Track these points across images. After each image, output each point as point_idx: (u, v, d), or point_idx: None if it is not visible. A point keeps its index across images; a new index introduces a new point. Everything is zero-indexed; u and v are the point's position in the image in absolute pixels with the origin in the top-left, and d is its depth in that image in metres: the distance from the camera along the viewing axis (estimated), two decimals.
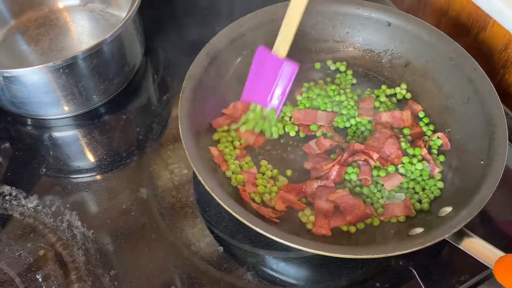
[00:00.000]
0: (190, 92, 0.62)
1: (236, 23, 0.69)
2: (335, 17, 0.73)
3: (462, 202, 0.54)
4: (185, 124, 0.59)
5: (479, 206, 0.52)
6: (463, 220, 0.51)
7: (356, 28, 0.73)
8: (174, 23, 0.83)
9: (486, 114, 0.60)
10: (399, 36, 0.71)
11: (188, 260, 0.58)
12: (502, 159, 0.56)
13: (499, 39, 0.72)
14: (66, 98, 0.67)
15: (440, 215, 0.56)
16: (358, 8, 0.72)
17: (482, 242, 0.51)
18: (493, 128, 0.59)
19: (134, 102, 0.73)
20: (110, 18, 0.80)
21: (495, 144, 0.57)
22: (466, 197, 0.54)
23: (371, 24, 0.72)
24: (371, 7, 0.71)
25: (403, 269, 0.57)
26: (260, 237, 0.58)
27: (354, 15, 0.72)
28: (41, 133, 0.70)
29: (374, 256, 0.50)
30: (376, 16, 0.71)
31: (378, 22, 0.71)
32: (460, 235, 0.52)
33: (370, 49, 0.74)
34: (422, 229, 0.55)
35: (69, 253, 0.58)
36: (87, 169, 0.66)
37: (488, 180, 0.54)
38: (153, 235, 0.59)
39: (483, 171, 0.56)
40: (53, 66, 0.61)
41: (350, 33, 0.74)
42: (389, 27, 0.71)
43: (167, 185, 0.64)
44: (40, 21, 0.80)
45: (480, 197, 0.53)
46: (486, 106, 0.61)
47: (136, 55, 0.74)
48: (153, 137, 0.69)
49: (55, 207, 0.62)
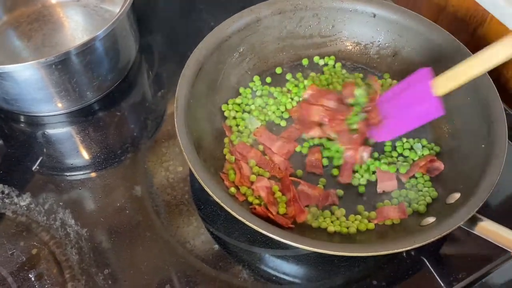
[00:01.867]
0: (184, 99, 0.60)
1: (222, 25, 0.68)
2: (320, 12, 0.72)
3: (470, 187, 0.54)
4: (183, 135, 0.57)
5: (488, 189, 0.52)
6: (475, 205, 0.51)
7: (342, 22, 0.73)
8: (169, 19, 0.82)
9: (481, 98, 0.60)
10: (385, 27, 0.71)
11: (183, 258, 0.57)
12: (504, 141, 0.56)
13: (496, 34, 0.72)
14: (59, 95, 0.66)
15: (449, 202, 0.56)
16: (342, 2, 0.71)
17: (497, 225, 0.51)
18: (489, 111, 0.59)
19: (128, 98, 0.72)
20: (104, 13, 0.79)
21: (494, 127, 0.57)
22: (472, 182, 0.54)
23: (356, 16, 0.71)
24: (355, 0, 0.71)
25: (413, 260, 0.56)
26: (256, 235, 0.58)
27: (339, 9, 0.71)
28: (34, 130, 0.69)
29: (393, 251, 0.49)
30: (360, 8, 0.71)
31: (363, 14, 0.71)
32: (473, 220, 0.52)
33: (357, 41, 0.74)
34: (434, 218, 0.55)
35: (63, 251, 0.57)
36: (81, 166, 0.66)
37: (492, 163, 0.54)
38: (148, 233, 0.59)
39: (486, 154, 0.56)
40: (45, 62, 0.60)
41: (336, 27, 0.73)
42: (374, 18, 0.71)
43: (162, 183, 0.63)
44: (33, 17, 0.79)
45: (488, 181, 0.53)
46: (479, 90, 0.60)
47: (130, 51, 0.73)
48: (148, 134, 0.68)
49: (48, 205, 0.61)
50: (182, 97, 0.60)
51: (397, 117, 0.59)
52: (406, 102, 0.58)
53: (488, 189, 0.52)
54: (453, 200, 0.56)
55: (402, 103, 0.58)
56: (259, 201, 0.58)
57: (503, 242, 0.50)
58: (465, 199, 0.53)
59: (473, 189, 0.53)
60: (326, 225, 0.57)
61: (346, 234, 0.57)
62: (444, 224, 0.51)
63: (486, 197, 0.52)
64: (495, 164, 0.54)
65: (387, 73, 0.72)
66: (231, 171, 0.60)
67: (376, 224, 0.58)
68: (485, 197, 0.52)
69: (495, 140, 0.56)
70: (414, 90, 0.57)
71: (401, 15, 0.69)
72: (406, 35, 0.70)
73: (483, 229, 0.51)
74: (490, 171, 0.54)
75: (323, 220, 0.58)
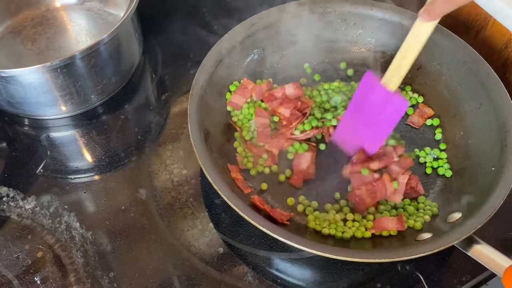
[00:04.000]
0: (200, 89, 0.62)
1: (248, 21, 0.69)
2: (349, 17, 0.72)
3: (472, 209, 0.53)
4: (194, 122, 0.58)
5: (489, 213, 0.52)
6: (472, 227, 0.51)
7: (369, 29, 0.72)
8: (173, 22, 0.82)
9: (499, 120, 0.59)
10: None
11: (187, 261, 0.57)
12: None
13: (499, 38, 0.72)
14: (63, 98, 0.67)
15: (449, 221, 0.56)
16: (372, 9, 0.71)
17: (491, 249, 0.50)
18: (505, 135, 0.58)
19: (132, 102, 0.73)
20: (108, 17, 0.79)
21: (507, 150, 0.57)
22: (476, 203, 0.54)
23: (384, 25, 0.71)
24: (385, 8, 0.71)
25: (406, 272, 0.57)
26: (261, 238, 0.58)
27: (368, 16, 0.71)
28: (39, 133, 0.70)
29: (382, 261, 0.50)
30: (390, 17, 0.70)
31: (392, 24, 0.70)
32: (469, 241, 0.51)
33: (382, 50, 0.73)
34: (430, 234, 0.55)
35: (68, 254, 0.57)
36: (85, 169, 0.66)
37: (498, 187, 0.54)
38: (153, 236, 0.59)
39: (493, 178, 0.55)
40: (51, 66, 0.60)
41: (363, 34, 0.73)
42: (402, 29, 0.70)
43: (166, 186, 0.63)
44: (37, 20, 0.79)
45: (490, 204, 0.52)
46: (499, 112, 0.60)
47: (134, 55, 0.74)
48: (152, 137, 0.68)
49: (53, 208, 0.61)
50: (199, 86, 0.61)
51: (374, 125, 0.60)
52: (373, 109, 0.59)
53: (488, 213, 0.52)
54: (454, 219, 0.55)
55: (370, 112, 0.60)
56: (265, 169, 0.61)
57: (494, 267, 0.49)
58: (464, 219, 0.53)
59: (474, 210, 0.53)
60: (320, 228, 0.58)
61: (340, 238, 0.57)
62: (438, 241, 0.51)
63: (485, 220, 0.51)
64: (501, 189, 0.53)
65: (408, 86, 0.71)
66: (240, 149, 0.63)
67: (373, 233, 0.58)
68: (484, 220, 0.51)
69: (505, 164, 0.55)
70: (373, 96, 0.59)
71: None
72: (433, 49, 0.68)
73: (477, 252, 0.50)
74: (495, 195, 0.53)
75: (319, 223, 0.58)
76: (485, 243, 0.51)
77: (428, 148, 0.65)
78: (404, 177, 0.60)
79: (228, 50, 0.66)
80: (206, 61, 0.64)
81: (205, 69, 0.63)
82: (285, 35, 0.71)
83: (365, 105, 0.60)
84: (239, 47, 0.67)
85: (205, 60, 0.64)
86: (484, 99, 0.62)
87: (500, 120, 0.59)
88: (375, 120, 0.60)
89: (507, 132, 0.58)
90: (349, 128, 0.62)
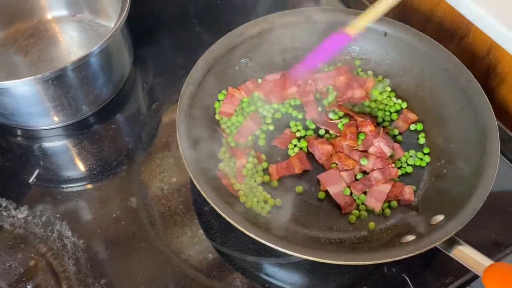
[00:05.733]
0: (188, 99, 0.63)
1: (236, 31, 0.70)
2: (334, 26, 0.73)
3: (454, 211, 0.55)
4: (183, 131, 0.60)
5: (469, 215, 0.53)
6: (453, 228, 0.52)
7: (353, 38, 0.74)
8: (163, 32, 0.84)
9: (479, 125, 0.61)
10: (395, 46, 0.72)
11: (178, 268, 0.58)
12: (494, 169, 0.56)
13: (481, 45, 0.74)
14: (55, 109, 0.68)
15: (432, 223, 0.57)
16: (355, 18, 0.72)
17: (472, 250, 0.52)
18: (485, 139, 0.59)
19: (123, 111, 0.74)
20: (99, 28, 0.81)
21: (486, 154, 0.58)
22: (458, 206, 0.55)
23: (368, 33, 0.73)
24: None
25: (392, 274, 0.58)
26: (249, 244, 0.59)
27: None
28: (31, 143, 0.71)
29: (364, 263, 0.51)
30: (373, 26, 0.71)
31: (375, 32, 0.72)
32: (451, 243, 0.52)
33: (366, 58, 0.75)
34: (413, 237, 0.56)
35: (60, 262, 0.58)
36: (77, 178, 0.67)
37: (479, 189, 0.55)
38: (143, 243, 0.60)
39: (474, 181, 0.57)
40: (42, 78, 0.61)
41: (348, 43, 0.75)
42: (385, 37, 0.72)
43: (156, 194, 0.64)
44: (29, 32, 0.80)
45: (471, 207, 0.54)
46: (479, 117, 0.62)
47: (124, 65, 0.75)
48: (143, 146, 0.70)
49: (45, 217, 0.62)
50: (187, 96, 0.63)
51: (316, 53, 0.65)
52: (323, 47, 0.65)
53: (469, 215, 0.53)
54: (436, 221, 0.56)
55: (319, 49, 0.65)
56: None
57: (474, 267, 0.50)
58: (447, 221, 0.54)
59: (456, 213, 0.54)
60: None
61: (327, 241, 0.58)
62: (420, 243, 0.52)
63: (466, 221, 0.53)
64: (481, 191, 0.55)
65: (393, 92, 0.73)
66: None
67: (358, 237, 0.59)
68: (465, 221, 0.53)
69: (485, 167, 0.57)
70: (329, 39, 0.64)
71: (412, 36, 0.70)
72: (416, 56, 0.70)
73: (458, 253, 0.52)
74: (475, 197, 0.54)
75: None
76: (467, 244, 0.52)
77: (413, 150, 0.67)
78: (386, 186, 0.61)
79: (216, 59, 0.68)
80: (194, 71, 0.66)
81: (193, 79, 0.65)
82: (272, 44, 0.72)
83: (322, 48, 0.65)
84: (227, 56, 0.69)
85: (193, 70, 0.66)
86: (465, 104, 0.64)
87: (480, 125, 0.61)
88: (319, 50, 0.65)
89: (487, 136, 0.59)
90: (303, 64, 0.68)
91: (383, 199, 0.61)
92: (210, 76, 0.67)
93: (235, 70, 0.71)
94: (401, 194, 0.62)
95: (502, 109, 0.74)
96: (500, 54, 0.71)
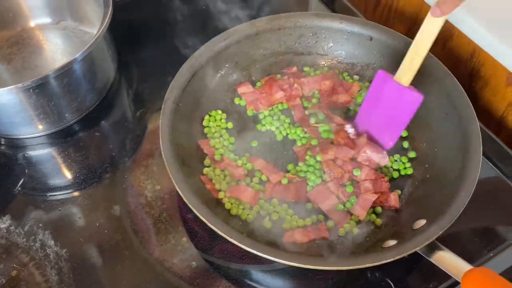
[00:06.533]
0: (172, 104, 0.63)
1: (221, 36, 0.70)
2: (319, 31, 0.74)
3: (436, 215, 0.55)
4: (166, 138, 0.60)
5: (450, 219, 0.53)
6: (434, 233, 0.52)
7: (339, 42, 0.74)
8: (148, 38, 0.84)
9: (462, 129, 0.61)
10: (380, 50, 0.72)
11: (161, 276, 0.58)
12: (475, 174, 0.56)
13: (464, 48, 0.74)
14: (38, 117, 0.68)
15: (415, 228, 0.57)
16: (341, 23, 0.73)
17: (451, 255, 0.52)
18: (468, 143, 0.60)
19: (108, 118, 0.74)
20: (84, 35, 0.81)
21: (469, 158, 0.58)
22: (440, 209, 0.55)
23: (354, 38, 0.73)
24: (354, 22, 0.73)
25: (376, 279, 0.58)
26: (233, 251, 0.59)
27: (338, 29, 0.73)
28: (15, 152, 0.70)
29: (343, 268, 0.51)
30: (358, 30, 0.72)
31: (361, 37, 0.73)
32: (432, 248, 0.52)
33: (352, 62, 0.75)
34: (395, 241, 0.56)
35: (42, 272, 0.58)
36: (61, 187, 0.67)
37: (460, 194, 0.55)
38: (127, 252, 0.60)
39: (456, 185, 0.57)
40: (23, 86, 0.61)
41: (334, 47, 0.75)
42: (371, 41, 0.72)
43: (140, 201, 0.64)
44: (12, 40, 0.80)
45: (452, 211, 0.54)
46: (462, 121, 0.62)
47: (108, 71, 0.75)
48: (127, 153, 0.69)
49: (28, 227, 0.62)
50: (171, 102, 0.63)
51: (389, 121, 0.63)
52: (387, 105, 0.62)
53: (450, 220, 0.53)
54: (418, 226, 0.56)
55: (384, 108, 0.62)
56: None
57: (454, 272, 0.50)
58: (428, 226, 0.54)
59: (437, 217, 0.54)
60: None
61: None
62: (401, 248, 0.52)
63: (447, 226, 0.53)
64: (462, 196, 0.55)
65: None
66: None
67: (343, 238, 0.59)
68: (446, 226, 0.53)
69: (467, 171, 0.57)
70: (387, 92, 0.61)
71: (397, 41, 0.70)
72: (400, 60, 0.69)
73: (438, 258, 0.52)
74: (457, 202, 0.54)
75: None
76: (447, 249, 0.52)
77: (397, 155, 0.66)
78: (373, 196, 0.61)
79: (201, 64, 0.68)
80: (178, 77, 0.66)
81: (177, 85, 0.65)
82: (257, 49, 0.72)
83: (380, 101, 0.62)
84: (211, 61, 0.69)
85: (177, 76, 0.66)
86: (449, 109, 0.64)
87: (463, 129, 0.61)
88: (390, 115, 0.62)
89: (469, 140, 0.60)
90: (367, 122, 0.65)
91: (368, 207, 0.61)
92: (195, 81, 0.67)
93: (220, 74, 0.71)
94: (386, 200, 0.62)
95: (486, 112, 0.74)
96: (483, 57, 0.71)
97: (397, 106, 0.61)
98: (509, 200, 0.65)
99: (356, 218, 0.61)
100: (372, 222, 0.61)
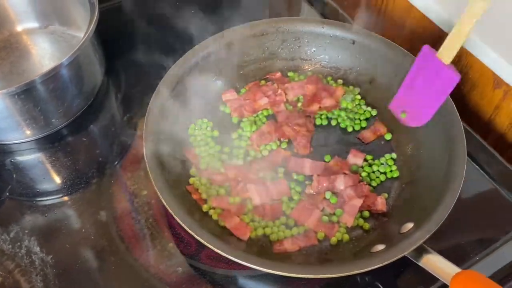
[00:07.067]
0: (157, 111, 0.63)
1: (204, 43, 0.70)
2: (302, 36, 0.74)
3: (423, 218, 0.55)
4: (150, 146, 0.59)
5: (437, 223, 0.53)
6: (421, 237, 0.52)
7: (322, 47, 0.74)
8: (135, 43, 0.83)
9: (447, 133, 0.61)
10: (363, 54, 0.72)
11: (147, 282, 0.58)
12: (460, 178, 0.56)
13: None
14: (25, 123, 0.67)
15: (402, 231, 0.57)
16: (323, 27, 0.73)
17: (440, 258, 0.52)
18: (453, 146, 0.60)
19: (95, 123, 0.73)
20: (72, 39, 0.80)
21: (454, 161, 0.58)
22: (427, 213, 0.55)
23: (337, 42, 0.73)
24: (336, 26, 0.73)
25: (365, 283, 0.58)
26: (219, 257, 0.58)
27: (320, 34, 0.73)
28: (3, 158, 0.70)
29: (329, 276, 0.51)
30: (341, 34, 0.72)
31: (343, 41, 0.73)
32: (420, 251, 0.52)
33: (336, 66, 0.75)
34: (383, 246, 0.56)
35: (28, 279, 0.58)
36: (47, 192, 0.66)
37: (446, 197, 0.55)
38: (113, 257, 0.59)
39: (442, 188, 0.57)
40: (8, 92, 0.61)
41: (317, 51, 0.75)
42: (353, 45, 0.72)
43: (126, 207, 0.64)
44: (0, 45, 0.79)
45: (439, 214, 0.54)
46: (447, 124, 0.62)
47: (95, 76, 0.75)
48: (114, 158, 0.69)
49: (14, 234, 0.61)
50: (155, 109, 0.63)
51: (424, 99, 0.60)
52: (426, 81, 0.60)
53: (437, 223, 0.53)
54: (406, 230, 0.56)
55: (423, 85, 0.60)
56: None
57: (442, 275, 0.50)
58: (416, 230, 0.54)
59: (424, 221, 0.54)
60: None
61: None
62: (389, 253, 0.52)
63: (434, 229, 0.52)
64: (448, 199, 0.55)
65: (363, 100, 0.73)
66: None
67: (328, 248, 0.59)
68: (433, 230, 0.52)
69: (453, 175, 0.57)
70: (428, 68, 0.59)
71: (380, 44, 0.70)
72: (385, 64, 0.70)
73: (427, 261, 0.52)
74: (443, 205, 0.54)
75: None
76: (435, 253, 0.52)
77: (383, 158, 0.67)
78: (358, 201, 0.61)
79: (185, 71, 0.67)
80: (162, 84, 0.65)
81: (162, 92, 0.64)
82: (241, 55, 0.72)
83: (420, 76, 0.60)
84: (196, 68, 0.69)
85: (161, 84, 0.65)
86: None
87: (448, 133, 0.61)
88: (427, 92, 0.60)
89: (454, 143, 0.60)
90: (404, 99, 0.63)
91: (355, 213, 0.61)
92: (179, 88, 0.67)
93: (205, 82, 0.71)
94: (373, 204, 0.62)
95: (473, 115, 0.74)
96: (471, 60, 0.71)
97: (435, 83, 0.59)
98: (496, 203, 0.65)
99: (344, 225, 0.61)
100: (361, 226, 0.61)
